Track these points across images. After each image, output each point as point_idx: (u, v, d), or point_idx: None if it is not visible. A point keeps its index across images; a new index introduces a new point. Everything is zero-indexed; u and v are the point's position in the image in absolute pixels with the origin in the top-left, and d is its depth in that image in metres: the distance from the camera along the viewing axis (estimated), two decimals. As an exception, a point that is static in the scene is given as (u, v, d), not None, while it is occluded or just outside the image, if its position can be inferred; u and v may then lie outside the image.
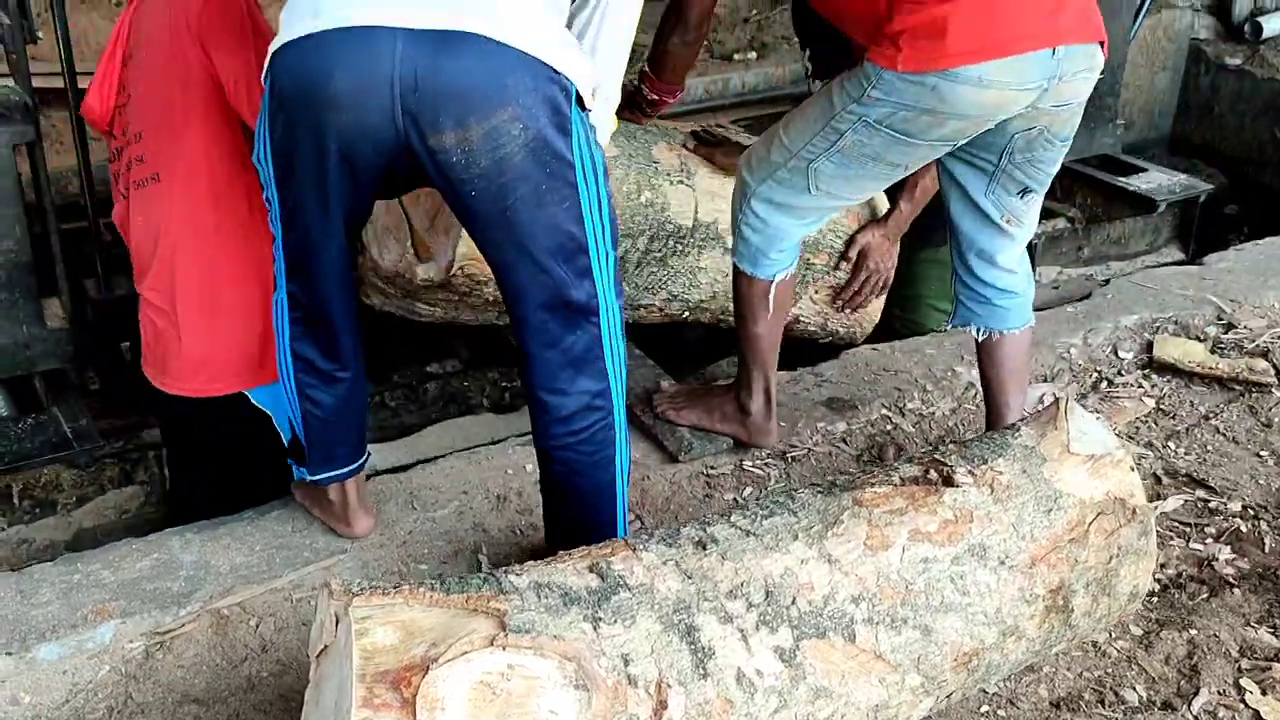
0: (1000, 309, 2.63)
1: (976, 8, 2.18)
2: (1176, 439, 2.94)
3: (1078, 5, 2.28)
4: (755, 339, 2.67)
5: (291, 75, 1.89)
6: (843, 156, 2.38)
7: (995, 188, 2.49)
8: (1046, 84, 2.25)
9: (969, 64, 2.18)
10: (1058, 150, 2.43)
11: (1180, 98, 6.35)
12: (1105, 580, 2.08)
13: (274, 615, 2.28)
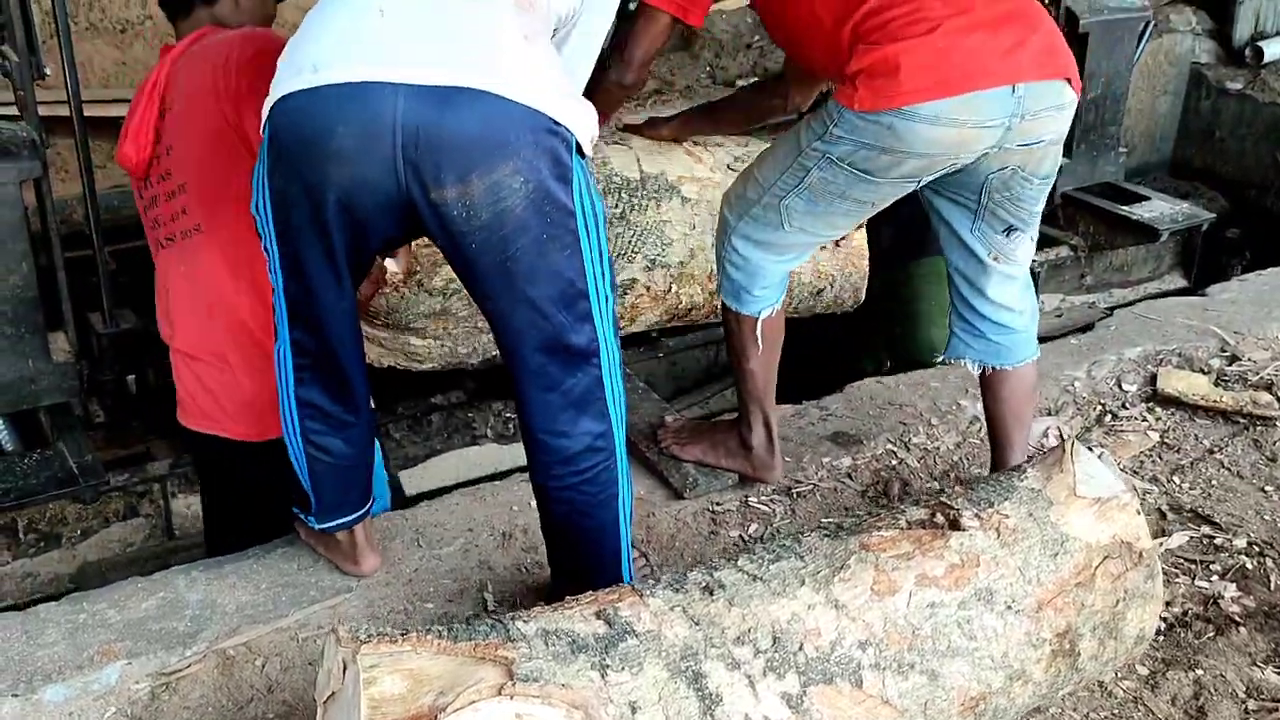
0: (996, 344, 2.61)
1: (930, 47, 2.20)
2: (1181, 474, 2.94)
3: (1039, 43, 2.28)
4: (749, 375, 2.68)
5: (292, 129, 1.89)
6: (810, 194, 2.40)
7: (980, 225, 2.49)
8: (1008, 122, 2.25)
9: (922, 101, 2.19)
10: (1037, 189, 2.43)
11: (1181, 122, 6.37)
12: (1112, 624, 2.08)
13: (280, 655, 2.28)
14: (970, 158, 2.31)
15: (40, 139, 2.96)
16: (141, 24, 5.34)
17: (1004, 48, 2.24)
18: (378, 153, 1.85)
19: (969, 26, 2.22)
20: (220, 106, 2.37)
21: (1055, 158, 2.42)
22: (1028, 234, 2.51)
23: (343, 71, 1.85)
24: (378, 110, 1.83)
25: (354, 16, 1.89)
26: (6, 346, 2.99)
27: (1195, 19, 6.36)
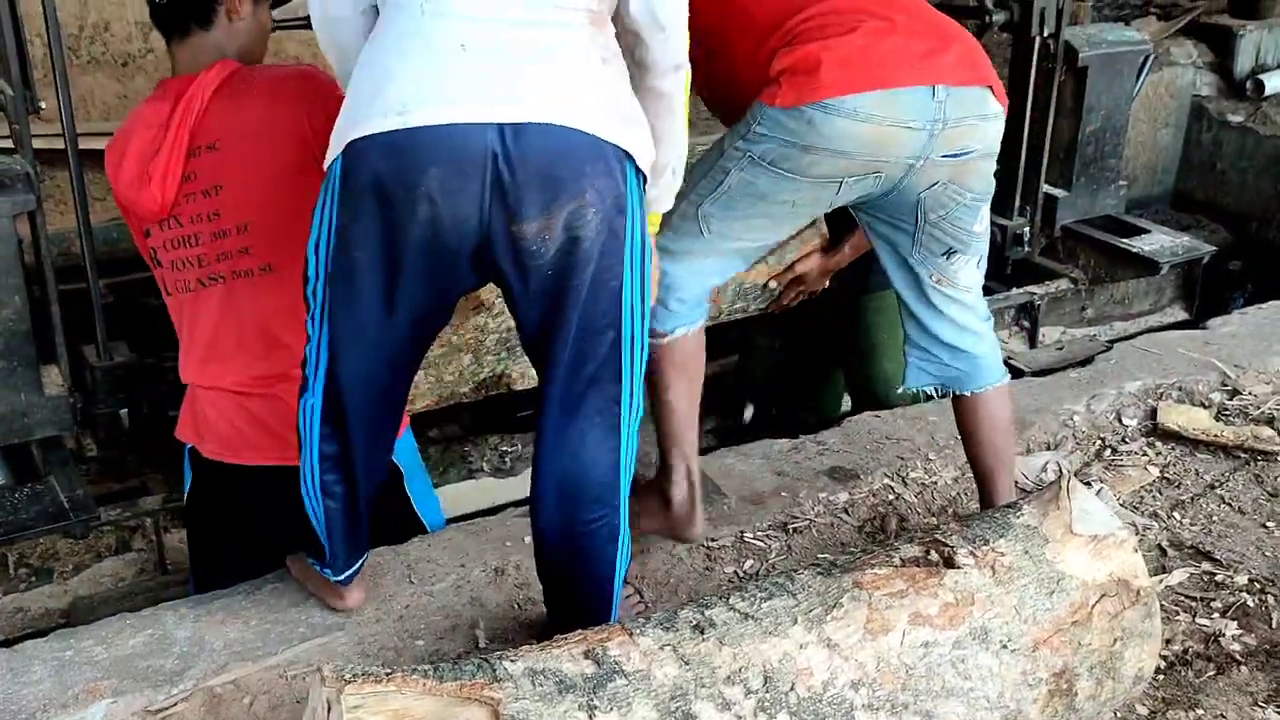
0: (954, 369, 2.56)
1: (850, 45, 2.22)
2: (1181, 509, 2.91)
3: (959, 51, 2.30)
4: (666, 408, 2.51)
5: (378, 170, 1.88)
6: (729, 197, 2.36)
7: (919, 249, 2.46)
8: (929, 127, 2.23)
9: (841, 95, 2.19)
10: (973, 207, 2.40)
11: (1183, 154, 6.38)
12: (1109, 664, 2.05)
13: (268, 693, 2.26)
14: (894, 166, 2.28)
15: (34, 172, 2.95)
16: (143, 57, 5.36)
17: (923, 51, 2.26)
18: (468, 191, 1.86)
19: (888, 30, 2.25)
20: (310, 148, 2.34)
21: (986, 174, 2.39)
22: (969, 257, 2.46)
23: (434, 113, 1.84)
24: (471, 151, 1.84)
25: (436, 55, 1.88)
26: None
27: (1196, 52, 6.38)
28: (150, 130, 2.44)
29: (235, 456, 2.59)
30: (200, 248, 2.48)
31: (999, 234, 4.62)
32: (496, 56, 1.88)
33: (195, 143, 2.42)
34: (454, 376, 3.15)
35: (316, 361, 2.10)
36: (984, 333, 2.56)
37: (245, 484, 2.62)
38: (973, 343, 2.54)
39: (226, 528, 2.73)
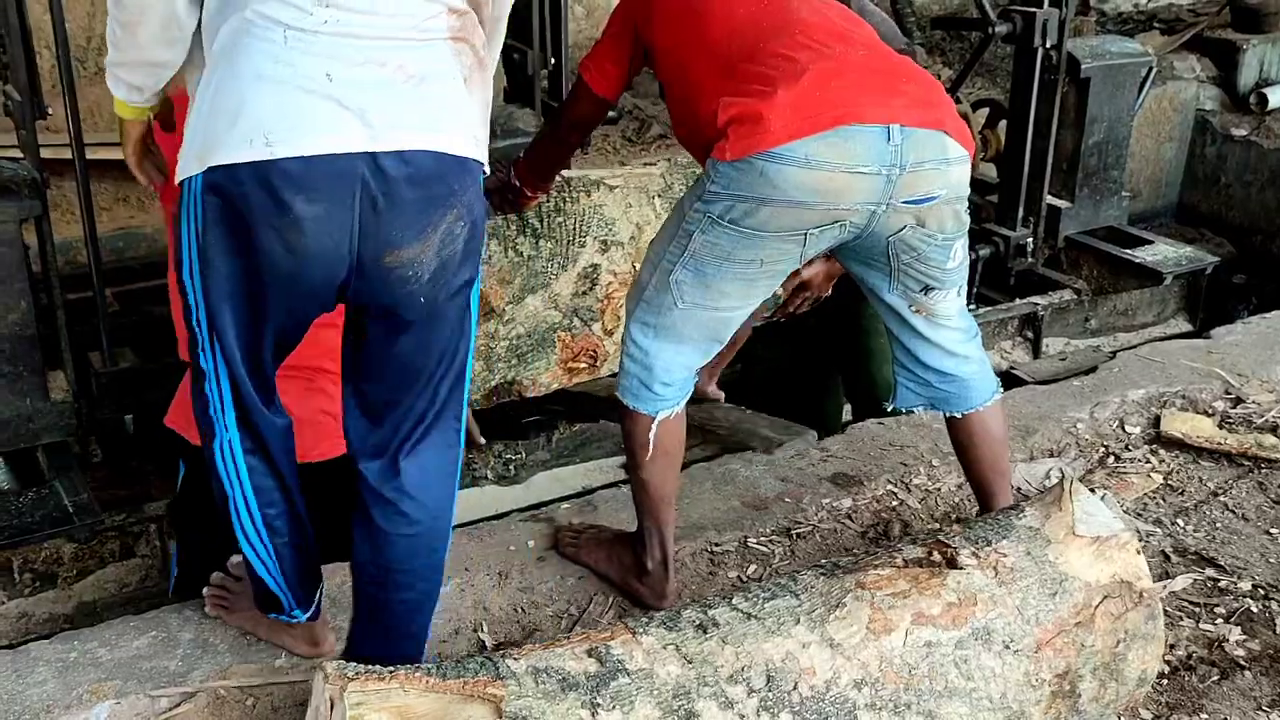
0: (943, 392, 2.50)
1: (797, 90, 2.14)
2: (1185, 516, 2.91)
3: (916, 93, 2.22)
4: (643, 485, 2.45)
5: (243, 199, 1.82)
6: (696, 261, 2.27)
7: (897, 285, 2.39)
8: (886, 171, 2.14)
9: (789, 141, 2.10)
10: (945, 248, 2.31)
11: (1187, 168, 6.39)
12: (1113, 665, 2.05)
13: (270, 695, 2.26)
14: (856, 213, 2.19)
15: (41, 178, 2.98)
16: (150, 69, 5.39)
17: (876, 91, 2.17)
18: (337, 221, 1.82)
19: (837, 70, 2.18)
20: None
21: (957, 216, 2.30)
22: (946, 290, 2.39)
23: (301, 144, 1.79)
24: (340, 182, 1.81)
25: (301, 85, 1.80)
26: (4, 385, 3.01)
27: (1199, 66, 6.40)
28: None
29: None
30: None
31: (1002, 244, 4.64)
32: (362, 85, 1.82)
33: None
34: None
35: (220, 396, 2.00)
36: (970, 354, 2.50)
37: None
38: (957, 365, 2.48)
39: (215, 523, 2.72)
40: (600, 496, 2.94)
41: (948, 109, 2.26)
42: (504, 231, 3.14)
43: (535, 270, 3.18)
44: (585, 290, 3.25)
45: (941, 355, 2.47)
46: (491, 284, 3.13)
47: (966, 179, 2.29)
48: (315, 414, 2.55)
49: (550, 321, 3.25)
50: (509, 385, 3.28)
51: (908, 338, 2.47)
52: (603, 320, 3.29)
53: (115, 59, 1.99)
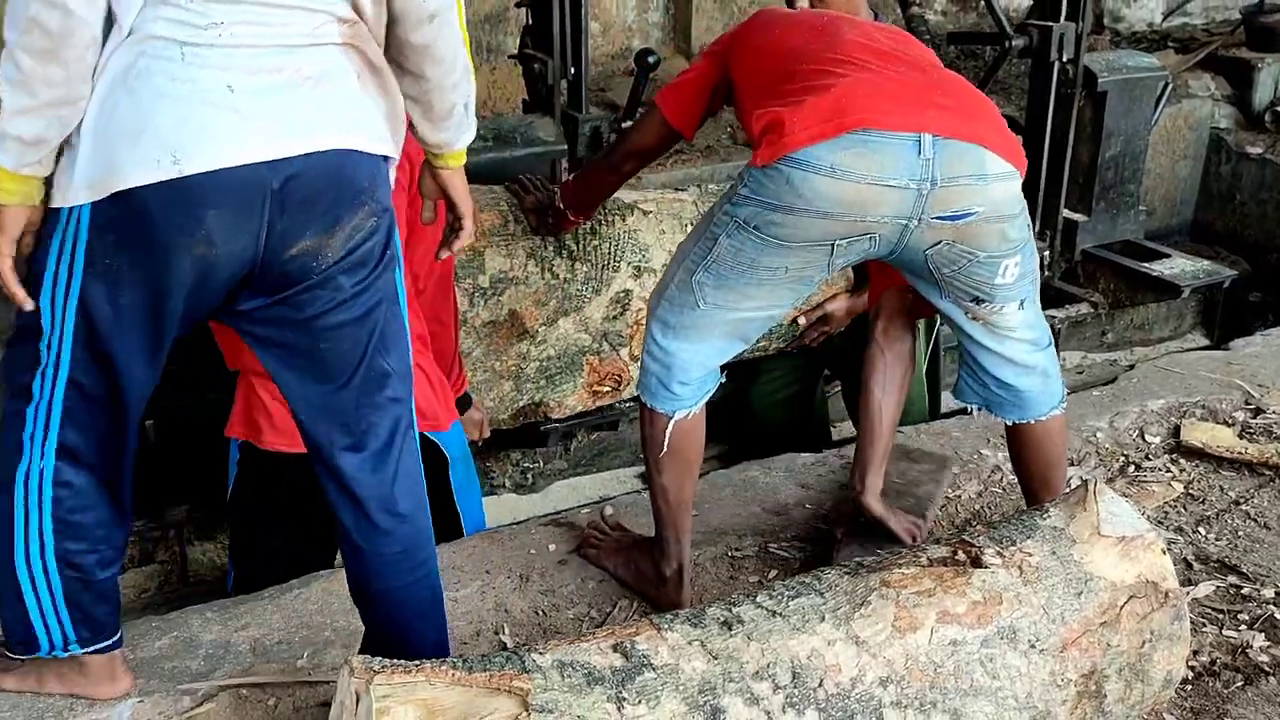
0: (999, 396, 2.47)
1: (827, 99, 2.12)
2: (1206, 524, 2.90)
3: (955, 106, 2.16)
4: (661, 491, 2.44)
5: (150, 220, 1.78)
6: (719, 266, 2.25)
7: (947, 295, 2.34)
8: (915, 186, 2.09)
9: (810, 144, 2.08)
10: (989, 265, 2.24)
11: (1202, 186, 6.40)
12: (1138, 665, 2.04)
13: (293, 695, 2.26)
14: (886, 227, 2.15)
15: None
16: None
17: (909, 102, 2.13)
18: (245, 228, 1.82)
19: (872, 82, 2.15)
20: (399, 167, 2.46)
21: (1001, 234, 2.21)
22: (1002, 304, 2.32)
23: (208, 159, 1.76)
24: (249, 191, 1.80)
25: (204, 99, 1.77)
26: (27, 389, 3.00)
27: (1214, 85, 6.42)
28: None
29: (297, 445, 2.60)
30: None
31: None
32: (263, 92, 1.80)
33: None
34: (494, 403, 3.19)
35: (46, 422, 1.93)
36: (1035, 365, 2.43)
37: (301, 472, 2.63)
38: (1017, 376, 2.43)
39: (276, 522, 2.74)
40: (619, 502, 2.94)
41: (991, 124, 2.20)
42: (542, 253, 3.13)
43: (570, 294, 3.17)
44: (616, 315, 3.25)
45: (1001, 363, 2.42)
46: (528, 305, 3.12)
47: (1012, 196, 2.21)
48: None
49: (580, 345, 3.25)
50: (536, 406, 3.29)
51: (968, 342, 2.43)
52: (630, 346, 3.29)
53: (14, 106, 1.73)
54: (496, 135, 3.48)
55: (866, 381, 2.63)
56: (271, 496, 2.72)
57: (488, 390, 3.16)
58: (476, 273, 3.04)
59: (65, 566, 2.01)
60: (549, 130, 3.55)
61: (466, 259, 3.00)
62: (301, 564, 2.62)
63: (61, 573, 2.01)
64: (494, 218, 3.08)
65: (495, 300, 3.08)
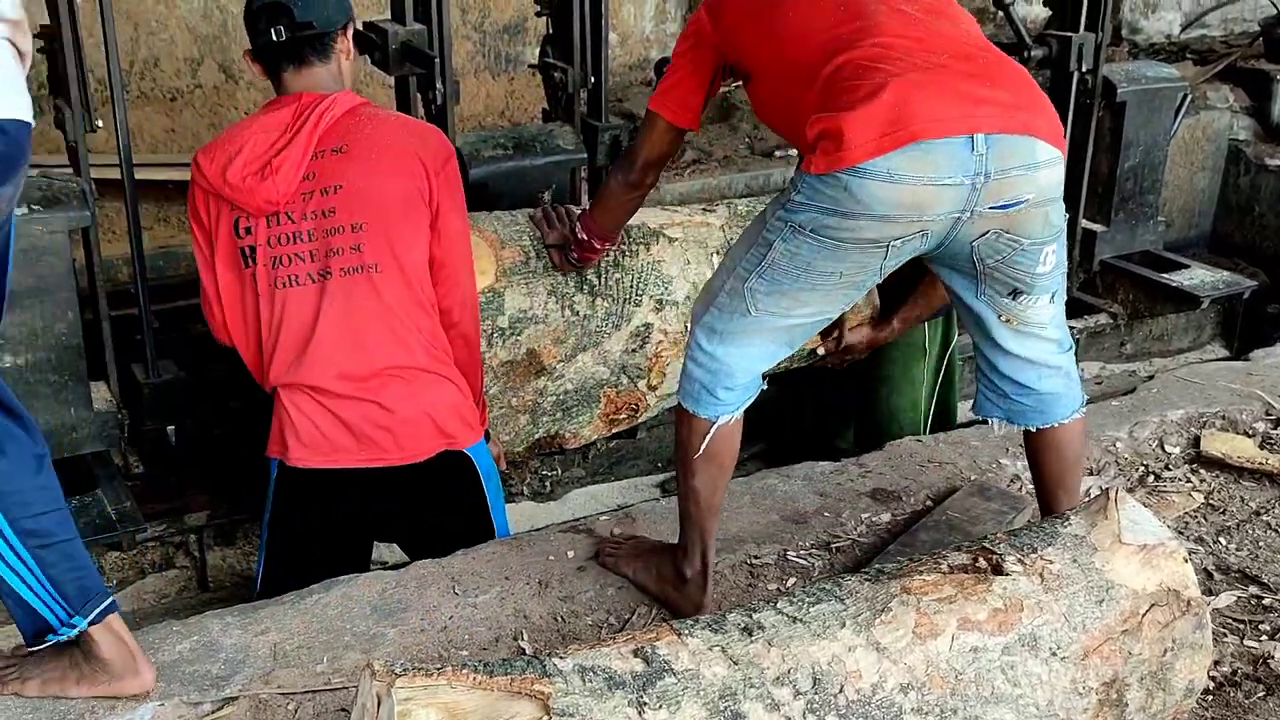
0: (1020, 405, 2.46)
1: (879, 103, 2.11)
2: (1227, 534, 2.89)
3: (1002, 98, 2.17)
4: (692, 493, 2.42)
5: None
6: (774, 271, 2.25)
7: (985, 290, 2.35)
8: (970, 180, 2.11)
9: (871, 157, 2.08)
10: (1032, 253, 2.26)
11: (1220, 198, 6.36)
12: (1160, 674, 2.03)
13: (313, 699, 2.26)
14: (939, 223, 2.16)
15: (90, 190, 3.02)
16: (191, 93, 5.47)
17: (959, 101, 2.13)
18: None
19: (919, 83, 2.13)
20: (422, 178, 2.64)
21: (1046, 219, 2.24)
22: (1036, 296, 2.33)
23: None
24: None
25: None
26: (50, 393, 3.04)
27: (1233, 96, 6.39)
28: (270, 134, 2.62)
29: (324, 461, 2.64)
30: (311, 244, 2.61)
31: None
32: None
33: (321, 146, 2.61)
34: (510, 437, 3.19)
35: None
36: (1059, 366, 2.44)
37: (332, 487, 2.68)
38: (1039, 378, 2.43)
39: (309, 542, 2.76)
40: (639, 509, 2.95)
41: (1038, 110, 2.21)
42: (563, 289, 3.11)
43: (589, 330, 3.16)
44: (635, 349, 3.23)
45: (1024, 367, 2.42)
46: (546, 344, 3.11)
47: (1057, 180, 2.22)
48: (418, 414, 2.66)
49: (598, 378, 3.23)
50: (551, 438, 3.29)
51: (989, 348, 2.43)
52: (649, 377, 3.28)
53: None
54: (516, 144, 3.49)
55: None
56: (303, 516, 2.73)
57: (503, 425, 3.16)
58: (496, 314, 3.03)
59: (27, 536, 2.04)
60: (569, 139, 3.56)
61: (486, 300, 2.98)
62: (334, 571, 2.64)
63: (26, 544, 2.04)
64: (516, 254, 3.06)
65: (514, 340, 3.07)
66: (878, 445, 3.29)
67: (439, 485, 2.73)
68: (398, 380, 2.63)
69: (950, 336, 3.58)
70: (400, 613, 2.50)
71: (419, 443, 2.67)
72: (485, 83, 6.36)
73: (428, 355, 2.67)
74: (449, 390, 2.70)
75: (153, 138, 5.35)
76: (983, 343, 2.44)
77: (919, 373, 3.53)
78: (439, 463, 2.70)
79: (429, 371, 2.67)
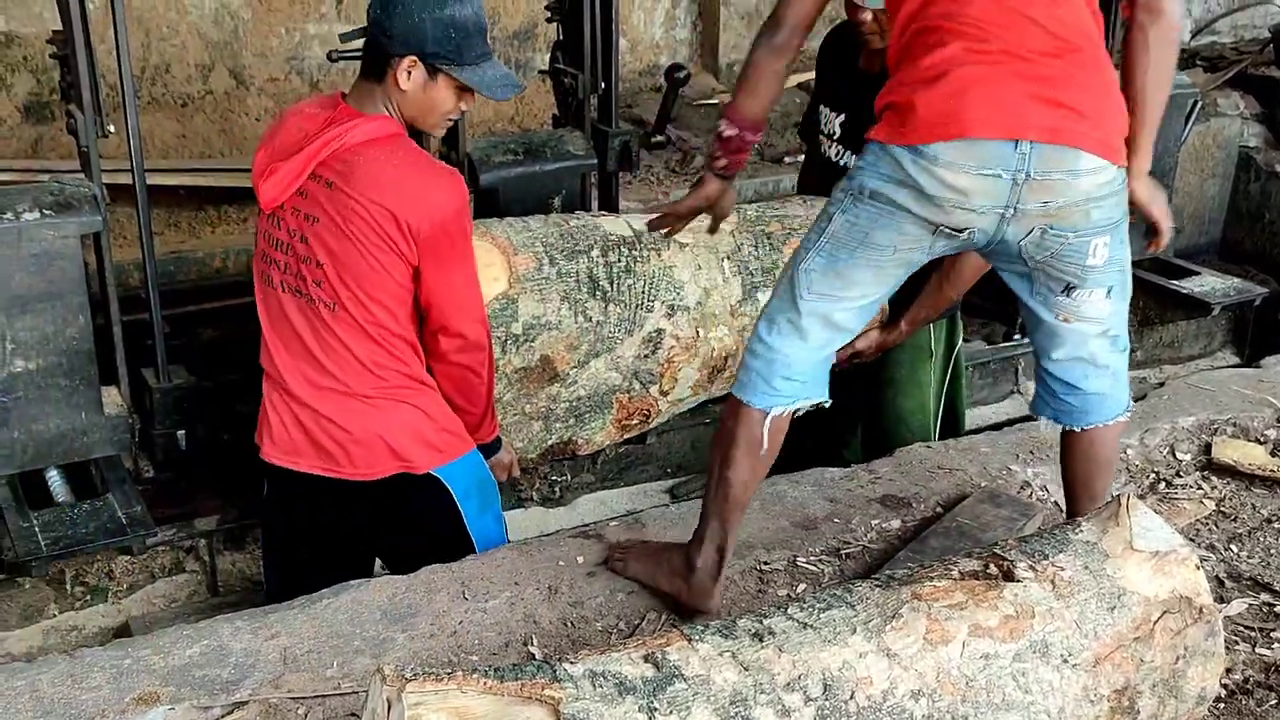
0: (1066, 404, 2.49)
1: (941, 92, 2.20)
2: (1238, 542, 2.88)
3: (1062, 108, 2.20)
4: (723, 486, 2.43)
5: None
6: (832, 244, 2.33)
7: (1039, 289, 2.40)
8: (1011, 176, 2.18)
9: (924, 142, 2.20)
10: (1079, 246, 2.30)
11: (1230, 205, 6.35)
12: (1172, 681, 2.02)
13: (323, 704, 2.26)
14: (984, 216, 2.24)
15: (101, 194, 3.02)
16: (202, 99, 5.49)
17: (1017, 102, 2.19)
18: None
19: (984, 78, 2.20)
20: (406, 245, 2.51)
21: (1086, 214, 2.26)
22: (1089, 289, 2.35)
23: None
24: None
25: None
26: (61, 398, 3.04)
27: (1243, 103, 6.38)
28: (296, 135, 2.56)
29: (288, 460, 2.66)
30: (288, 257, 2.60)
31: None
32: None
33: (321, 169, 2.53)
34: (523, 443, 3.19)
35: None
36: (1107, 366, 2.46)
37: (300, 489, 2.69)
38: (1084, 377, 2.46)
39: (292, 533, 2.77)
40: (649, 514, 2.94)
41: (1096, 121, 2.23)
42: (575, 295, 3.11)
43: (602, 335, 3.16)
44: (648, 354, 3.23)
45: (1074, 365, 2.45)
46: (560, 350, 3.11)
47: (1100, 183, 2.24)
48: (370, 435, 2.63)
49: (611, 384, 3.23)
50: (564, 444, 3.29)
51: (1042, 346, 2.48)
52: (660, 383, 3.28)
53: None
54: (527, 149, 3.49)
55: None
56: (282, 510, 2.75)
57: (517, 431, 3.16)
58: (510, 320, 3.03)
59: None
60: (579, 144, 3.56)
61: (500, 306, 2.98)
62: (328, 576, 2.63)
63: None
64: (529, 260, 3.07)
65: (528, 346, 3.07)
66: (886, 450, 3.30)
67: (404, 505, 2.71)
68: (354, 400, 2.60)
69: (956, 339, 3.58)
70: (410, 618, 2.50)
71: (372, 463, 2.64)
72: (495, 88, 6.37)
73: (387, 385, 2.61)
74: (407, 414, 2.64)
75: (164, 143, 5.37)
76: (1038, 342, 2.49)
77: (925, 375, 3.52)
78: (401, 482, 2.67)
79: (386, 398, 2.62)
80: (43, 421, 3.05)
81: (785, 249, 3.35)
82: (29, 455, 3.10)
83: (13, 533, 3.05)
